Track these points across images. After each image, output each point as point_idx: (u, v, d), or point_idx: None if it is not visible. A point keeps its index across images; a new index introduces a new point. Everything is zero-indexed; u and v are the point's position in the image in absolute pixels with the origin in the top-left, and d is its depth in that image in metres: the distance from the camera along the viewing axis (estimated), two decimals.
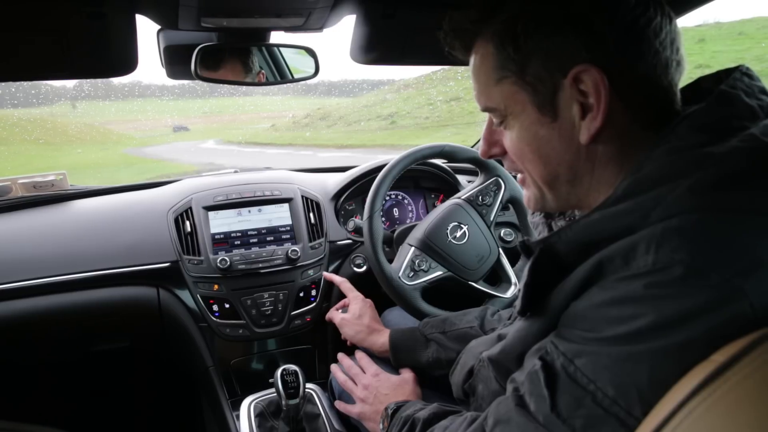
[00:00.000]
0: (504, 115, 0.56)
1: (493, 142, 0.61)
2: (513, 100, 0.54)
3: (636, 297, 0.43)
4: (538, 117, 0.53)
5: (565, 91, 0.51)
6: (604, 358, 0.44)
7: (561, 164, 0.54)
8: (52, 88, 13.79)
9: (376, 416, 0.87)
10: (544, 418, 0.47)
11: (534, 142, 0.55)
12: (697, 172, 0.44)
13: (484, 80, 0.56)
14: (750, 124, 0.47)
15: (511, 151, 0.58)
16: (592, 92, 0.49)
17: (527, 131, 0.55)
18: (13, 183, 1.34)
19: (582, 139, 0.51)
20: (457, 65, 1.15)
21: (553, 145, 0.54)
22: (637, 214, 0.45)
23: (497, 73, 0.54)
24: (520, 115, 0.54)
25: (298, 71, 1.10)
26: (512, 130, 0.56)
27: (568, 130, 0.52)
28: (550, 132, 0.53)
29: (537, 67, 0.51)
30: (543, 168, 0.55)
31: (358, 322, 1.05)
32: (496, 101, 0.56)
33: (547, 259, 0.51)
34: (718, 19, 8.76)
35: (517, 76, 0.53)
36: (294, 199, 1.31)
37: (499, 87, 0.55)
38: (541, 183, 0.57)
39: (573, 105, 0.51)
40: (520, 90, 0.53)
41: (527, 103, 0.53)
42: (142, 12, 0.81)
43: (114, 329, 1.25)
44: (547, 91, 0.52)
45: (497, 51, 0.53)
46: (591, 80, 0.49)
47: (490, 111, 0.58)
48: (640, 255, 0.43)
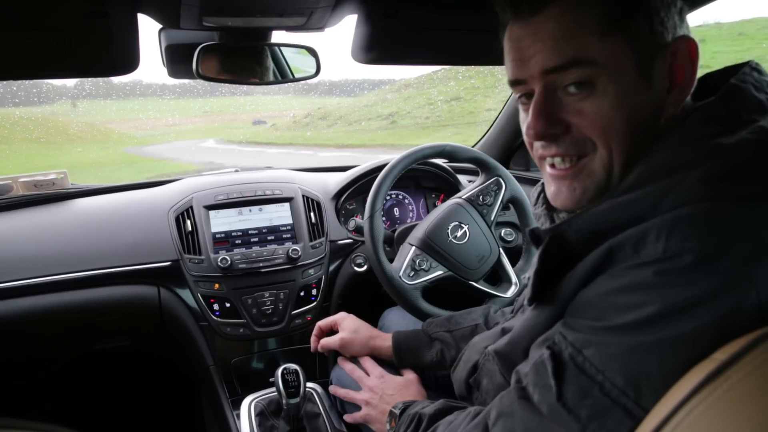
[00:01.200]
0: (597, 75, 0.49)
1: (554, 118, 0.52)
2: (617, 57, 0.49)
3: (645, 284, 0.43)
4: (637, 81, 0.49)
5: (663, 58, 0.50)
6: (613, 348, 0.44)
7: (645, 138, 0.51)
8: (53, 87, 13.80)
9: (382, 417, 0.86)
10: (549, 408, 0.47)
11: (630, 109, 0.50)
12: (706, 162, 0.44)
13: (579, 30, 0.49)
14: (759, 117, 0.47)
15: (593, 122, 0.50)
16: (687, 63, 0.50)
17: (625, 96, 0.49)
18: (14, 182, 1.34)
19: (668, 112, 0.51)
20: (459, 65, 1.15)
21: (645, 115, 0.50)
22: (648, 203, 0.45)
23: (605, 25, 0.48)
24: (620, 76, 0.49)
25: (299, 71, 1.10)
26: (602, 95, 0.49)
27: (657, 102, 0.51)
28: (644, 99, 0.50)
29: (649, 30, 0.49)
30: (631, 140, 0.50)
31: (359, 335, 1.01)
32: (595, 55, 0.49)
33: (557, 248, 0.51)
34: (718, 19, 8.76)
35: (628, 33, 0.49)
36: (295, 199, 1.32)
37: (603, 40, 0.48)
38: (618, 162, 0.51)
39: (663, 75, 0.50)
40: (627, 48, 0.49)
41: (630, 64, 0.49)
42: (143, 11, 0.81)
43: (115, 328, 1.25)
44: (648, 54, 0.49)
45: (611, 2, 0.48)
46: (687, 52, 0.49)
47: (576, 66, 0.49)
48: (650, 243, 0.43)
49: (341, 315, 1.07)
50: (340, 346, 1.02)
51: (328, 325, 1.06)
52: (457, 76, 11.44)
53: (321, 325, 1.07)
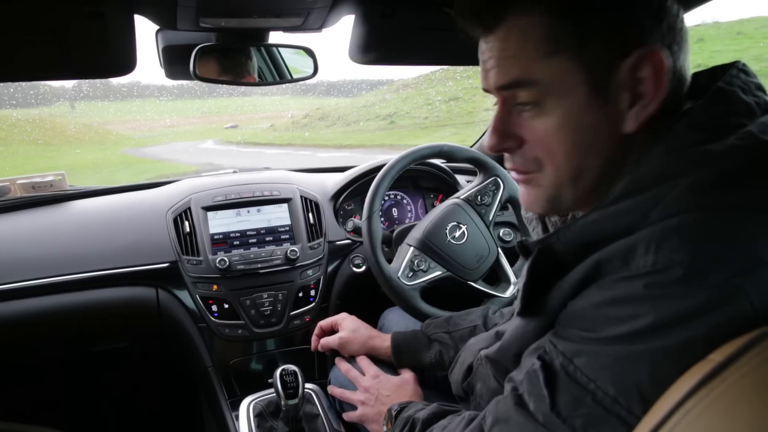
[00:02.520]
0: (542, 95, 0.49)
1: (508, 134, 0.53)
2: (562, 78, 0.48)
3: (636, 297, 0.43)
4: (587, 101, 0.48)
5: (621, 75, 0.48)
6: (603, 358, 0.44)
7: (599, 156, 0.50)
8: (50, 89, 13.78)
9: (378, 417, 0.86)
10: (544, 418, 0.47)
11: (577, 129, 0.49)
12: (696, 170, 0.44)
13: (524, 52, 0.49)
14: (747, 121, 0.46)
15: (540, 141, 0.51)
16: (651, 77, 0.47)
17: (572, 116, 0.49)
18: (12, 183, 1.34)
19: (628, 127, 0.49)
20: (457, 65, 1.15)
21: (596, 133, 0.49)
22: (637, 214, 0.45)
23: (548, 46, 0.48)
24: (566, 96, 0.49)
25: (297, 71, 1.10)
26: (549, 115, 0.50)
27: (614, 118, 0.49)
28: (596, 119, 0.49)
29: (601, 44, 0.47)
30: (578, 160, 0.50)
31: (358, 335, 1.02)
32: (538, 76, 0.49)
33: (546, 259, 0.51)
34: (716, 18, 8.77)
35: (574, 51, 0.47)
36: (293, 200, 1.31)
37: (546, 61, 0.48)
38: (565, 179, 0.52)
39: (624, 91, 0.48)
40: (574, 68, 0.48)
41: (578, 84, 0.48)
42: (140, 12, 0.81)
43: (113, 329, 1.24)
44: (602, 71, 0.48)
45: (554, 21, 0.48)
46: (652, 65, 0.47)
47: (523, 86, 0.50)
48: (639, 255, 0.43)
49: (342, 315, 1.07)
50: (339, 346, 1.03)
51: (329, 325, 1.07)
52: (455, 76, 11.44)
53: (322, 325, 1.08)
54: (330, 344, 1.05)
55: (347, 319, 1.06)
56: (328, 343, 1.05)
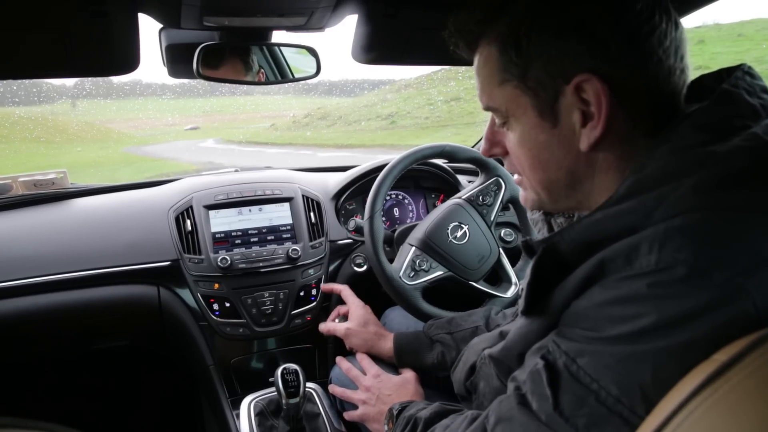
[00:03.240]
0: (506, 117, 0.56)
1: (494, 142, 0.61)
2: (515, 103, 0.54)
3: (639, 296, 0.43)
4: (539, 122, 0.53)
5: (567, 98, 0.51)
6: (606, 357, 0.44)
7: (560, 169, 0.54)
8: (53, 87, 13.79)
9: (380, 417, 0.87)
10: (547, 417, 0.47)
11: (534, 147, 0.55)
12: (699, 170, 0.44)
13: (487, 81, 0.56)
14: (752, 123, 0.47)
15: (512, 153, 0.59)
16: (594, 101, 0.49)
17: (527, 135, 0.55)
18: (14, 181, 1.34)
19: (582, 146, 0.51)
20: (459, 65, 1.15)
21: (552, 150, 0.54)
22: (640, 214, 0.45)
23: (500, 76, 0.54)
24: (521, 118, 0.55)
25: (299, 71, 1.10)
26: (513, 132, 0.56)
27: (568, 137, 0.52)
28: (550, 137, 0.53)
29: (539, 72, 0.51)
30: (542, 172, 0.56)
31: (365, 330, 1.03)
32: (498, 102, 0.56)
33: (550, 259, 0.51)
34: (717, 20, 8.77)
35: (519, 79, 0.53)
36: (295, 199, 1.32)
37: (501, 89, 0.55)
38: (537, 186, 0.57)
39: (574, 112, 0.51)
40: (521, 94, 0.53)
41: (528, 107, 0.53)
42: (144, 11, 0.81)
43: (114, 327, 1.25)
44: (548, 96, 0.52)
45: (500, 54, 0.53)
46: (592, 89, 0.49)
47: (492, 111, 0.58)
48: (642, 255, 0.43)
49: (356, 304, 1.09)
50: (344, 335, 1.05)
51: (345, 312, 1.11)
52: (457, 77, 11.44)
53: (340, 311, 1.13)
54: (335, 331, 1.07)
55: (360, 309, 1.07)
56: (333, 329, 1.07)
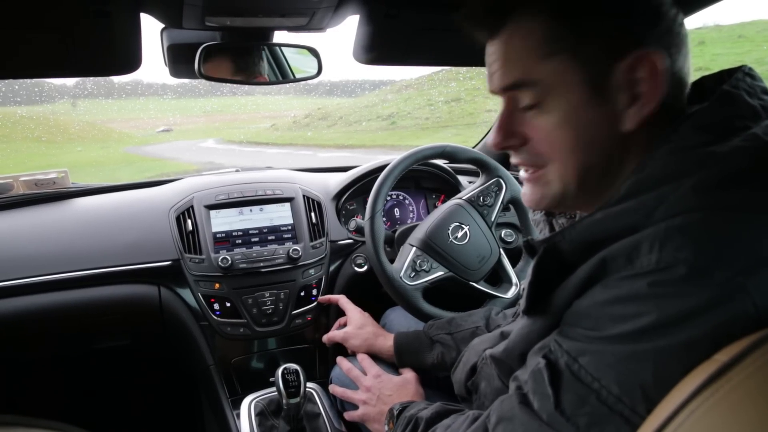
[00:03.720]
0: (543, 95, 0.51)
1: (511, 132, 0.55)
2: (561, 78, 0.50)
3: (640, 295, 0.43)
4: (586, 99, 0.50)
5: (618, 75, 0.49)
6: (608, 357, 0.44)
7: (601, 153, 0.51)
8: (54, 86, 13.80)
9: (380, 417, 0.87)
10: (548, 416, 0.47)
11: (578, 127, 0.51)
12: (700, 171, 0.44)
13: (526, 54, 0.51)
14: (752, 124, 0.47)
15: (542, 139, 0.53)
16: (648, 77, 0.48)
17: (572, 114, 0.50)
18: (15, 180, 1.34)
19: (627, 126, 0.50)
20: (460, 65, 1.15)
21: (596, 131, 0.51)
22: (641, 213, 0.45)
23: (547, 48, 0.50)
24: (565, 95, 0.50)
25: (300, 71, 1.10)
26: (550, 113, 0.51)
27: (613, 116, 0.50)
28: (596, 117, 0.50)
29: (593, 45, 0.49)
30: (581, 156, 0.52)
31: (362, 331, 1.04)
32: (539, 77, 0.51)
33: (551, 258, 0.51)
34: (717, 21, 8.76)
35: (571, 52, 0.49)
36: (295, 199, 1.32)
37: (546, 62, 0.50)
38: (571, 175, 0.53)
39: (622, 90, 0.49)
40: (572, 68, 0.50)
41: (577, 84, 0.50)
42: (146, 11, 0.82)
43: (115, 327, 1.25)
44: (598, 72, 0.49)
45: (552, 23, 0.50)
46: (649, 66, 0.48)
47: (522, 87, 0.52)
48: (643, 254, 0.43)
49: (352, 309, 1.11)
50: (343, 339, 1.06)
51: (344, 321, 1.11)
52: (458, 77, 11.44)
53: (341, 322, 1.13)
54: (334, 338, 1.08)
55: (356, 313, 1.09)
56: (333, 337, 1.08)
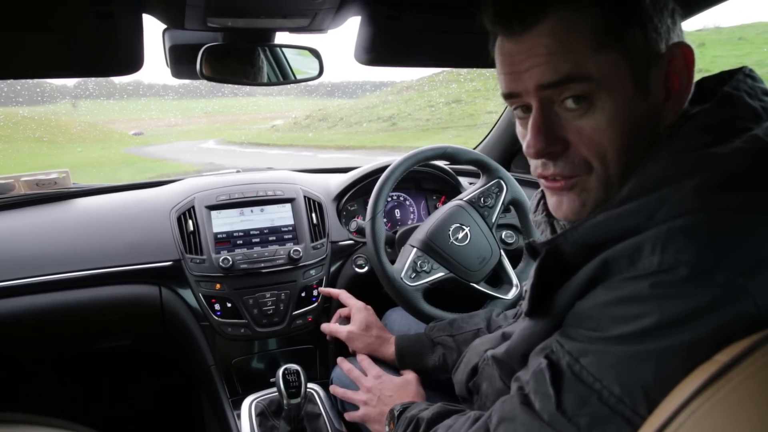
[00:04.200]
0: (594, 90, 0.48)
1: (553, 136, 0.51)
2: (614, 70, 0.48)
3: (642, 297, 0.43)
4: (635, 94, 0.49)
5: (660, 68, 0.49)
6: (609, 357, 0.44)
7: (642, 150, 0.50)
8: (56, 87, 13.79)
9: (381, 418, 0.87)
10: (549, 417, 0.47)
11: (628, 123, 0.49)
12: (701, 172, 0.44)
13: (577, 45, 0.48)
14: (753, 125, 0.47)
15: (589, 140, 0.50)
16: (683, 70, 0.49)
17: (623, 109, 0.48)
18: (16, 180, 1.35)
19: (667, 120, 0.50)
20: (461, 67, 1.15)
21: (642, 127, 0.50)
22: (642, 215, 0.45)
23: (599, 38, 0.48)
24: (616, 90, 0.48)
25: (302, 72, 1.10)
26: (599, 111, 0.49)
27: (656, 110, 0.50)
28: (643, 111, 0.49)
29: (643, 39, 0.49)
30: (628, 155, 0.49)
31: (368, 334, 1.03)
32: (591, 70, 0.48)
33: (553, 260, 0.51)
34: (718, 23, 8.75)
35: (623, 44, 0.48)
36: (296, 200, 1.32)
37: (599, 55, 0.48)
38: (616, 178, 0.50)
39: (661, 84, 0.50)
40: (623, 61, 0.48)
41: (628, 77, 0.48)
42: (149, 12, 0.82)
43: (116, 327, 1.25)
44: (644, 65, 0.49)
45: (603, 14, 0.48)
46: (683, 58, 0.49)
47: (574, 82, 0.48)
48: (645, 255, 0.44)
49: (358, 306, 1.08)
50: (346, 338, 1.04)
51: (347, 314, 1.10)
52: (459, 79, 11.44)
53: (341, 313, 1.11)
54: (337, 333, 1.06)
55: (362, 312, 1.07)
56: (335, 332, 1.07)
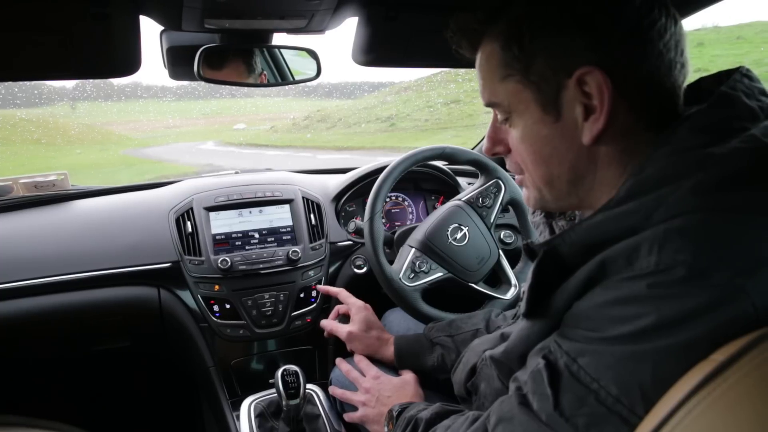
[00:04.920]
0: (508, 113, 0.57)
1: (497, 140, 0.61)
2: (517, 98, 0.55)
3: (639, 297, 0.43)
4: (542, 116, 0.53)
5: (569, 92, 0.51)
6: (607, 357, 0.44)
7: (562, 164, 0.55)
8: (53, 89, 13.77)
9: (379, 418, 0.87)
10: (547, 417, 0.47)
11: (536, 142, 0.55)
12: (698, 172, 0.44)
13: (490, 77, 0.57)
14: (750, 125, 0.47)
15: (515, 150, 0.58)
16: (596, 94, 0.49)
17: (530, 130, 0.55)
18: (15, 183, 1.35)
19: (584, 140, 0.51)
20: (459, 67, 1.16)
21: (555, 144, 0.54)
22: (640, 215, 0.45)
23: (502, 71, 0.55)
24: (523, 113, 0.55)
25: (299, 73, 1.10)
26: (516, 128, 0.57)
27: (571, 131, 0.52)
28: (553, 131, 0.53)
29: (541, 66, 0.52)
30: (544, 168, 0.56)
31: (368, 335, 1.02)
32: (501, 98, 0.56)
33: (551, 261, 0.51)
34: (716, 23, 8.77)
35: (521, 74, 0.53)
36: (295, 200, 1.32)
37: (503, 84, 0.55)
38: (541, 183, 0.57)
39: (576, 106, 0.51)
40: (524, 89, 0.54)
41: (531, 102, 0.54)
42: (146, 13, 0.82)
43: (115, 329, 1.25)
44: (551, 90, 0.52)
45: (502, 50, 0.54)
46: (594, 82, 0.49)
47: (494, 106, 0.59)
48: (643, 256, 0.44)
49: (359, 306, 1.07)
50: (347, 339, 1.03)
51: (345, 311, 1.09)
52: (457, 79, 11.44)
53: (340, 310, 1.11)
54: (337, 332, 1.05)
55: (362, 312, 1.05)
56: (336, 331, 1.05)
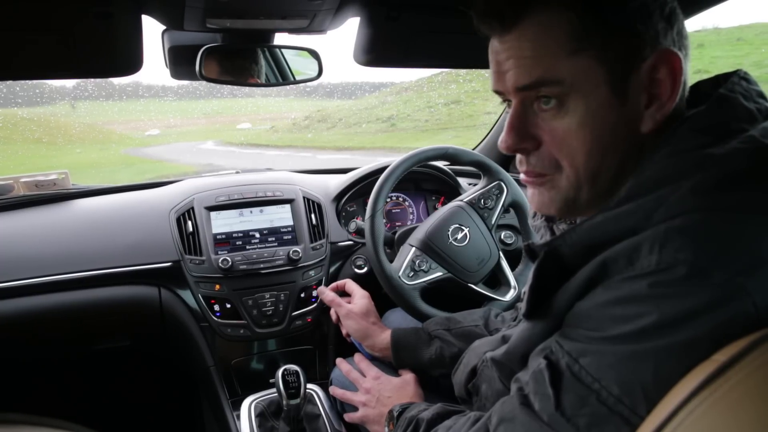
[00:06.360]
0: (565, 93, 0.49)
1: (526, 134, 0.52)
2: (586, 75, 0.48)
3: (640, 296, 0.43)
4: (610, 99, 0.49)
5: (641, 75, 0.49)
6: (608, 357, 0.45)
7: (617, 155, 0.51)
8: (54, 88, 13.76)
9: (380, 419, 0.87)
10: (549, 417, 0.47)
11: (599, 127, 0.49)
12: (698, 173, 0.45)
13: (550, 49, 0.49)
14: (749, 126, 0.47)
15: (560, 141, 0.51)
16: (667, 78, 0.48)
17: (594, 114, 0.49)
18: (15, 182, 1.35)
19: (646, 127, 0.50)
20: (459, 68, 1.16)
21: (617, 132, 0.50)
22: (640, 215, 0.46)
23: (573, 44, 0.48)
24: (589, 94, 0.49)
25: (301, 73, 1.11)
26: (571, 114, 0.50)
27: (633, 117, 0.50)
28: (618, 117, 0.49)
29: (622, 45, 0.48)
30: (598, 159, 0.50)
31: (364, 318, 1.03)
32: (563, 74, 0.49)
33: (552, 262, 0.51)
34: (716, 24, 8.76)
35: (598, 50, 0.48)
36: (295, 200, 1.32)
37: (571, 59, 0.48)
38: (584, 179, 0.51)
39: (642, 91, 0.49)
40: (597, 66, 0.48)
41: (601, 82, 0.49)
42: (148, 13, 0.82)
43: (115, 328, 1.25)
44: (623, 72, 0.49)
45: (579, 19, 0.48)
46: (669, 66, 0.48)
47: (545, 86, 0.50)
48: (643, 255, 0.44)
49: (360, 293, 1.09)
50: (344, 314, 1.04)
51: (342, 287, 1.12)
52: (458, 80, 11.44)
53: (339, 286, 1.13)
54: (336, 303, 1.07)
55: (364, 299, 1.07)
56: (335, 301, 1.08)
